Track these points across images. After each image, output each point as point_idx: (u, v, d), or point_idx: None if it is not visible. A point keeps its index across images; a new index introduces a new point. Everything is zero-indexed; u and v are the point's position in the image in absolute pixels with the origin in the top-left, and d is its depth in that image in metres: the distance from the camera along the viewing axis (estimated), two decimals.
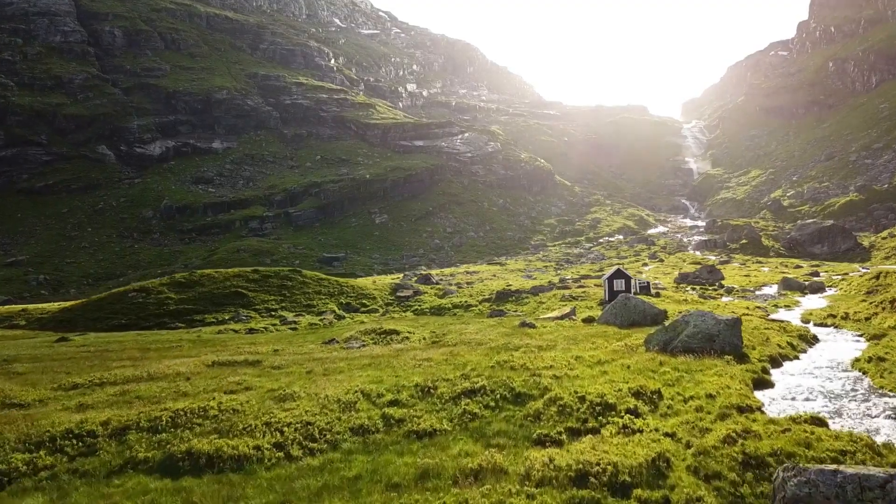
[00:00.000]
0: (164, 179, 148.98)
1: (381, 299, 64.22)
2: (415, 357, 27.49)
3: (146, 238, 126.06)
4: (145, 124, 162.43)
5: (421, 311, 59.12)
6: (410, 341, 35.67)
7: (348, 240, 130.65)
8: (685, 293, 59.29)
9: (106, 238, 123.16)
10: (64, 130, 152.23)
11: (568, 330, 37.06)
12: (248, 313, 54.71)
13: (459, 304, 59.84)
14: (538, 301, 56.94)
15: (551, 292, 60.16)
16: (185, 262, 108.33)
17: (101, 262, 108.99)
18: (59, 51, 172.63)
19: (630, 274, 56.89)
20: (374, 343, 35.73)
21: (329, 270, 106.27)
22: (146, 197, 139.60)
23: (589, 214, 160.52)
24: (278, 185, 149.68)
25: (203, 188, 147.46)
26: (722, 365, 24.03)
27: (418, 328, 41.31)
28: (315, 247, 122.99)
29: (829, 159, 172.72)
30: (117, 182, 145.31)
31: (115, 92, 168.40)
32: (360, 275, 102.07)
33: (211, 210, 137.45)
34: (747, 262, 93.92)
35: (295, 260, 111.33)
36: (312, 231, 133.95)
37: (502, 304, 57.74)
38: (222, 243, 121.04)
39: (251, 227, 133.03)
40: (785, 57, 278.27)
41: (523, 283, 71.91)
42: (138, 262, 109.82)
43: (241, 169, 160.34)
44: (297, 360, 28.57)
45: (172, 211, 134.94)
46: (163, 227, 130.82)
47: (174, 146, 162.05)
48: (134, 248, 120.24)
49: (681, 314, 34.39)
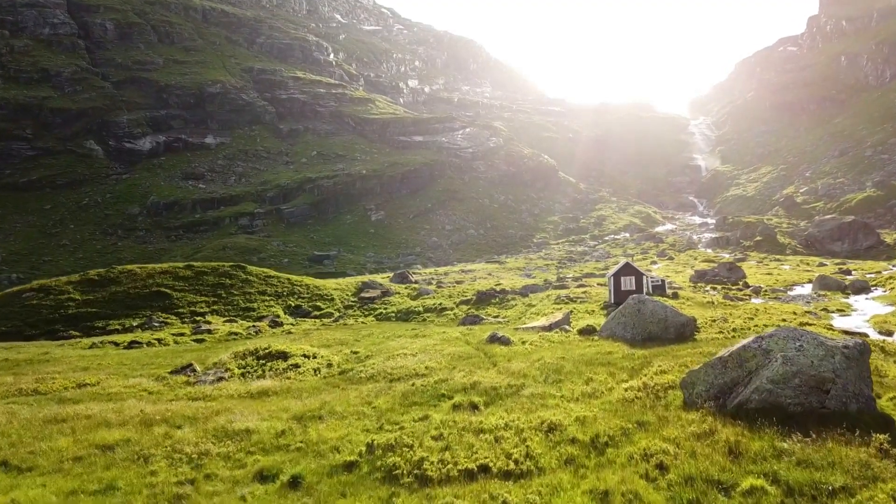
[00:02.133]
0: (153, 175, 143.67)
1: (341, 301, 56.37)
2: (181, 449, 15.45)
3: (131, 236, 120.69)
4: (135, 119, 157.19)
5: (385, 315, 51.66)
6: (301, 372, 26.16)
7: (342, 237, 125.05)
8: (706, 294, 51.45)
9: (88, 235, 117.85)
10: (50, 125, 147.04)
11: (555, 348, 27.49)
12: (165, 318, 46.60)
13: (432, 306, 52.16)
14: (527, 304, 48.61)
15: (545, 293, 52.32)
16: (168, 260, 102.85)
17: (80, 261, 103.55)
18: (47, 43, 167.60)
19: (641, 270, 46.89)
20: (242, 374, 26.23)
21: (319, 269, 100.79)
22: (133, 193, 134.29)
23: (594, 212, 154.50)
24: (271, 181, 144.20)
25: (193, 184, 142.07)
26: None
27: (337, 347, 32.04)
28: (306, 244, 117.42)
29: (843, 155, 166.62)
30: (104, 178, 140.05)
31: (104, 85, 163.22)
32: (350, 273, 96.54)
33: (200, 207, 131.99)
34: (764, 259, 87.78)
35: (284, 258, 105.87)
36: (305, 228, 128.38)
37: (483, 306, 50.00)
38: (210, 241, 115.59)
39: (241, 224, 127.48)
40: (794, 52, 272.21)
41: (516, 282, 64.24)
42: (119, 261, 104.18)
43: (234, 165, 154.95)
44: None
45: (160, 207, 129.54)
46: (149, 224, 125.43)
47: (165, 141, 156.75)
48: (117, 246, 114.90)
49: (721, 327, 28.05)
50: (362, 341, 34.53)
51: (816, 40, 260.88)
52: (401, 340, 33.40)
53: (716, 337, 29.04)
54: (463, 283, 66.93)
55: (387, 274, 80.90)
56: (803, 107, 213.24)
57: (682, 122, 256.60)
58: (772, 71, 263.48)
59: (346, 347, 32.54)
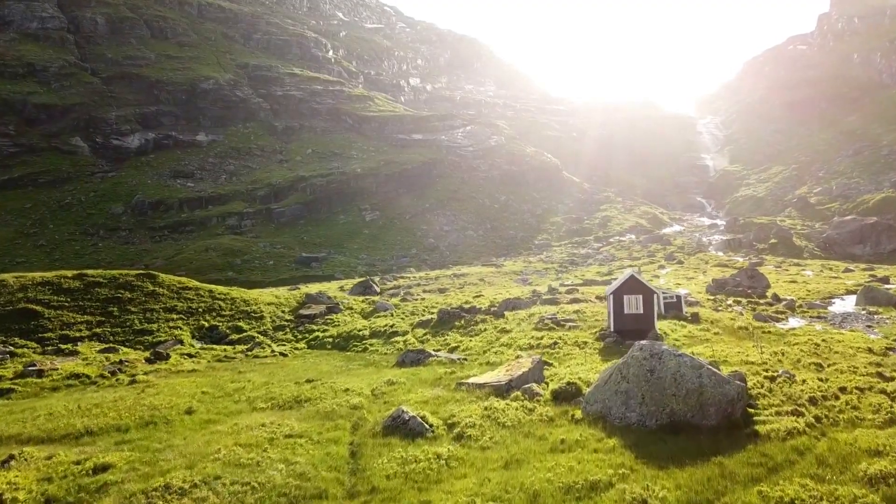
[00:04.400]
0: (141, 173, 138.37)
1: (272, 319, 46.55)
2: None
3: (113, 236, 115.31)
4: (124, 115, 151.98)
5: (320, 341, 41.83)
6: None
7: (334, 238, 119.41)
8: (730, 310, 42.16)
9: (67, 235, 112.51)
10: (34, 121, 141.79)
11: (499, 453, 16.15)
12: (15, 348, 34.84)
13: (382, 329, 42.03)
14: (500, 328, 37.45)
15: (528, 311, 41.85)
16: (148, 261, 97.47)
17: (56, 262, 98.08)
18: (35, 37, 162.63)
19: (651, 285, 35.13)
20: None
21: (306, 272, 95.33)
22: (118, 192, 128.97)
23: (598, 212, 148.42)
24: (263, 180, 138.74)
25: (181, 183, 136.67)
26: None
27: (136, 435, 19.43)
28: (295, 246, 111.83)
29: (858, 154, 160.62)
30: (89, 176, 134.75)
31: (93, 81, 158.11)
32: (338, 277, 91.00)
33: (187, 206, 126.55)
34: (782, 264, 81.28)
35: (269, 260, 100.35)
36: (296, 229, 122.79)
37: (443, 331, 39.36)
38: (194, 242, 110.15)
39: (229, 224, 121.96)
40: (804, 51, 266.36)
41: (501, 291, 55.04)
42: (97, 262, 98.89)
43: (225, 163, 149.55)
44: None
45: (145, 206, 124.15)
46: (132, 223, 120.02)
47: (154, 138, 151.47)
48: (97, 247, 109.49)
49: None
50: (200, 412, 22.47)
51: (827, 38, 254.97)
52: (255, 416, 21.17)
53: (792, 426, 17.08)
54: (446, 290, 60.34)
55: (356, 280, 74.86)
56: (814, 105, 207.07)
57: (690, 121, 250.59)
58: (781, 69, 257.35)
59: (147, 440, 18.91)
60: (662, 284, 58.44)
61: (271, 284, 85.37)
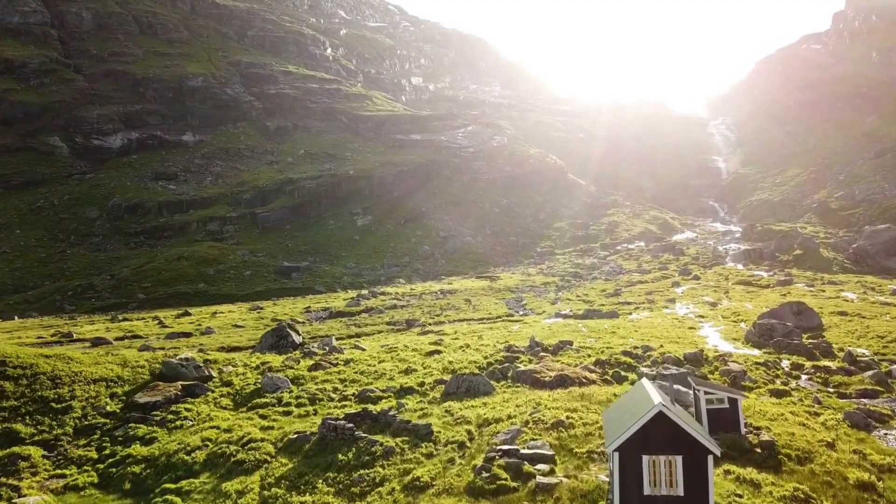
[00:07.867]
0: (121, 175, 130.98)
1: (85, 414, 30.44)
2: None
3: (84, 242, 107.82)
4: (107, 114, 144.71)
5: (123, 471, 25.74)
6: None
7: (321, 245, 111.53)
8: (798, 392, 29.85)
9: (35, 241, 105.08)
10: (10, 119, 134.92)
11: None
12: None
13: (227, 453, 26.09)
14: (410, 477, 22.05)
15: (478, 410, 27.75)
16: (115, 272, 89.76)
17: (17, 271, 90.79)
18: (15, 32, 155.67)
19: (700, 432, 16.93)
20: None
21: (284, 284, 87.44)
22: (94, 194, 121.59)
23: (605, 217, 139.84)
24: (249, 182, 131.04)
25: (163, 185, 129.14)
26: None
27: None
28: (278, 253, 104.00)
29: (880, 156, 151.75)
30: (65, 178, 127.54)
31: (75, 78, 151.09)
32: (319, 290, 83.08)
33: (166, 210, 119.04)
34: (815, 282, 71.76)
35: (246, 270, 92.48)
36: (281, 234, 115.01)
37: (317, 473, 23.51)
38: (169, 249, 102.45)
39: (209, 229, 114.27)
40: (819, 50, 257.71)
41: (454, 357, 37.52)
42: (62, 271, 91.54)
43: (212, 164, 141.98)
44: None
45: (121, 210, 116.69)
46: (107, 229, 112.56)
47: (138, 138, 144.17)
48: (65, 254, 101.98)
49: None
50: None
51: (843, 36, 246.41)
52: None
53: None
54: (406, 330, 48.86)
55: (350, 292, 66.64)
56: (830, 106, 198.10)
57: (701, 121, 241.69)
58: (795, 69, 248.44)
59: None
60: (682, 316, 48.81)
61: (244, 298, 77.63)
